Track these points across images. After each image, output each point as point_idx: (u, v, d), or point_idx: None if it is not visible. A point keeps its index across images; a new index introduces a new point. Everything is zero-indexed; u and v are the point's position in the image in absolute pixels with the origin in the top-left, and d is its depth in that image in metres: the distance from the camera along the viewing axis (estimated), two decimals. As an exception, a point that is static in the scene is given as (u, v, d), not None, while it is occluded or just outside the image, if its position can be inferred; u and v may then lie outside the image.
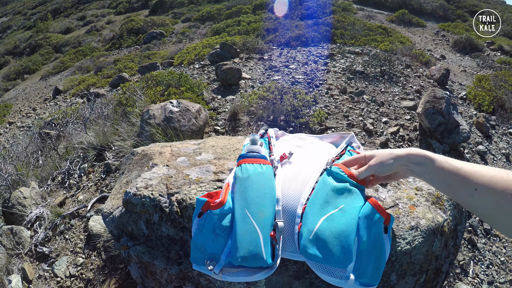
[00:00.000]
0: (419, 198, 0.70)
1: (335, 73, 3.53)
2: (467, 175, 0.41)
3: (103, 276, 1.37)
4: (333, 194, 0.53)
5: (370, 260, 0.49)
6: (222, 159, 0.79)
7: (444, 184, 0.44)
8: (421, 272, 0.63)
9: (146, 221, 0.72)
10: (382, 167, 0.50)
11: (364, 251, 0.49)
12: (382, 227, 0.51)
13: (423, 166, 0.46)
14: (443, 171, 0.44)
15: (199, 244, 0.53)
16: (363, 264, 0.49)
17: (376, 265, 0.49)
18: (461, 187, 0.41)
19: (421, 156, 0.47)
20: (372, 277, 0.49)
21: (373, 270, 0.49)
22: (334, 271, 0.50)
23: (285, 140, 0.76)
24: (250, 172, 0.56)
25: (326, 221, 0.50)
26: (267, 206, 0.53)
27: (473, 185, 0.39)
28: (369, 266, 0.49)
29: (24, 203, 1.87)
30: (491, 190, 0.37)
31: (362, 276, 0.48)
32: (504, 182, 0.37)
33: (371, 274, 0.48)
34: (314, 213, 0.52)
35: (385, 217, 0.51)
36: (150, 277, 0.72)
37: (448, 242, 0.73)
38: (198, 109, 2.08)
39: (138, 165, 0.93)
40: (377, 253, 0.49)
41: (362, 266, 0.49)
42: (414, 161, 0.48)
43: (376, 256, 0.49)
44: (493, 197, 0.37)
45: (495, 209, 0.37)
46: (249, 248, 0.49)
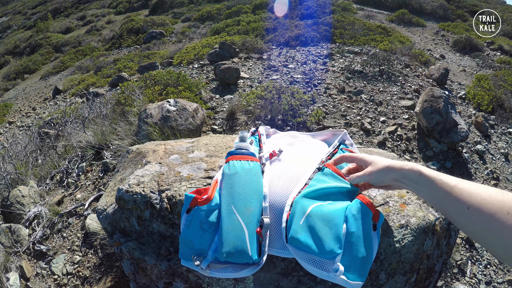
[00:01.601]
0: (410, 196, 0.70)
1: (334, 73, 3.53)
2: (460, 193, 0.40)
3: (100, 274, 1.38)
4: (324, 191, 0.53)
5: (358, 254, 0.48)
6: (214, 157, 0.79)
7: (436, 201, 0.44)
8: (411, 271, 0.63)
9: (137, 218, 0.73)
10: (376, 178, 0.51)
11: (352, 243, 0.49)
12: (371, 223, 0.50)
13: (416, 183, 0.46)
14: (436, 189, 0.43)
15: (187, 240, 0.53)
16: (351, 257, 0.48)
17: (363, 260, 0.49)
18: (454, 206, 0.40)
19: (415, 172, 0.47)
20: (360, 272, 0.48)
21: (360, 265, 0.48)
22: (322, 263, 0.49)
23: (276, 138, 0.76)
24: (238, 169, 0.56)
25: (316, 208, 0.50)
26: (253, 202, 0.53)
27: (465, 204, 0.39)
28: (357, 260, 0.48)
29: (22, 201, 1.88)
30: (483, 210, 0.37)
31: (350, 270, 0.48)
32: (498, 202, 0.36)
33: (359, 269, 0.48)
34: (304, 202, 0.52)
35: (373, 212, 0.51)
36: (141, 273, 0.72)
37: (440, 241, 0.73)
38: (195, 108, 2.09)
39: (132, 162, 0.93)
40: (365, 248, 0.49)
41: (350, 259, 0.48)
42: (408, 177, 0.47)
43: (365, 251, 0.49)
44: (485, 217, 0.36)
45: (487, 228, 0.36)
46: (234, 244, 0.49)
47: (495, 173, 2.43)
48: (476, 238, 0.39)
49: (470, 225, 0.39)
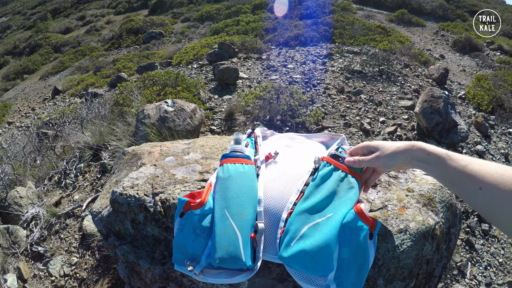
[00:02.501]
0: (409, 199, 0.69)
1: (333, 73, 3.51)
2: (472, 173, 0.39)
3: (97, 276, 1.37)
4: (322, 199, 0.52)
5: (352, 269, 0.48)
6: (210, 159, 0.78)
7: (447, 180, 0.43)
8: (410, 276, 0.62)
9: (131, 221, 0.71)
10: (384, 163, 0.49)
11: (345, 259, 0.48)
12: (367, 234, 0.50)
13: (426, 163, 0.45)
14: (448, 168, 0.42)
15: (180, 244, 0.52)
16: (345, 272, 0.48)
17: (358, 273, 0.48)
18: (466, 185, 0.40)
19: (424, 151, 0.45)
20: (354, 285, 0.48)
21: (355, 278, 0.48)
22: (314, 279, 0.48)
23: (274, 140, 0.74)
24: (231, 172, 0.55)
25: (310, 230, 0.49)
26: (247, 207, 0.52)
27: (478, 184, 0.38)
28: (351, 274, 0.48)
29: (20, 202, 1.87)
30: (496, 189, 0.36)
31: (343, 285, 0.47)
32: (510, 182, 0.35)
33: (353, 282, 0.48)
34: (299, 220, 0.51)
35: (369, 225, 0.50)
36: (136, 276, 0.71)
37: (440, 246, 0.72)
38: (193, 108, 2.07)
39: (128, 164, 0.92)
40: (360, 261, 0.48)
41: (343, 274, 0.48)
42: (416, 158, 0.46)
43: (359, 264, 0.48)
44: (498, 196, 0.36)
45: (499, 208, 0.36)
46: (227, 249, 0.48)
47: (495, 173, 2.41)
48: (489, 218, 0.39)
49: (483, 205, 0.38)
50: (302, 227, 0.49)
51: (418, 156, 0.46)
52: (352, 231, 0.49)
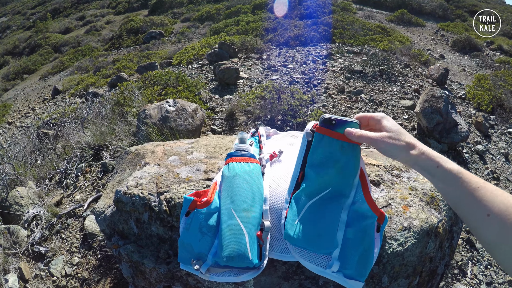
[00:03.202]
0: (412, 198, 0.69)
1: (334, 73, 3.52)
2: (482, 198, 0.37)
3: (98, 276, 1.37)
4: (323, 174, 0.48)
5: (356, 250, 0.47)
6: (214, 158, 0.78)
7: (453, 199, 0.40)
8: (414, 274, 0.62)
9: (136, 220, 0.72)
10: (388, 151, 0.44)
11: (350, 239, 0.47)
12: (374, 224, 0.49)
13: (432, 175, 0.41)
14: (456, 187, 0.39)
15: (186, 243, 0.52)
16: (349, 252, 0.47)
17: (362, 259, 0.47)
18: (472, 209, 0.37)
19: (433, 163, 0.41)
20: (358, 271, 0.47)
21: (358, 263, 0.47)
22: (317, 258, 0.48)
23: (277, 138, 0.75)
24: (237, 171, 0.55)
25: (314, 205, 0.48)
26: (253, 205, 0.52)
27: (486, 210, 0.36)
28: (355, 257, 0.47)
29: (21, 202, 1.87)
30: (505, 220, 0.34)
31: (346, 267, 0.46)
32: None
33: (356, 267, 0.47)
34: (302, 198, 0.49)
35: (378, 215, 0.49)
36: (140, 276, 0.71)
37: (443, 243, 0.72)
38: (194, 108, 2.08)
39: (131, 164, 0.92)
40: (365, 247, 0.48)
41: (347, 254, 0.47)
42: (423, 167, 0.42)
43: (364, 249, 0.47)
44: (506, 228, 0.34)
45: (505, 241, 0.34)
46: (234, 247, 0.48)
47: (495, 173, 2.42)
48: (491, 250, 0.37)
49: (488, 234, 0.36)
50: (306, 203, 0.48)
51: (425, 166, 0.42)
52: (360, 216, 0.48)
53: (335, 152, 0.48)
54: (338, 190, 0.49)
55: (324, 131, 0.49)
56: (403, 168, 0.82)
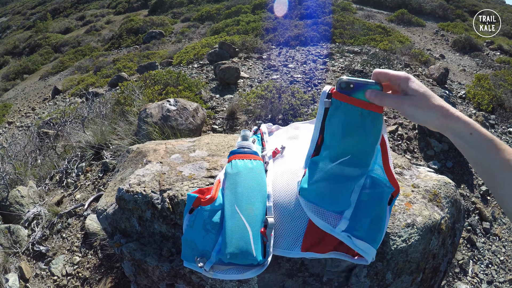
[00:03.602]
0: (415, 195, 0.69)
1: (334, 72, 3.52)
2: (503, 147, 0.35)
3: (100, 275, 1.36)
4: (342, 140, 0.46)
5: (368, 214, 0.46)
6: (216, 156, 0.78)
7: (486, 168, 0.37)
8: (418, 271, 0.62)
9: (138, 218, 0.71)
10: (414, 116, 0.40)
11: (363, 202, 0.46)
12: (389, 194, 0.48)
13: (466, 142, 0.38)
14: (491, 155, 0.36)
15: (190, 241, 0.52)
16: (360, 214, 0.46)
17: (374, 223, 0.46)
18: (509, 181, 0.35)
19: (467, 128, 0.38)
20: (368, 234, 0.46)
21: (370, 227, 0.46)
22: (329, 217, 0.47)
23: (279, 134, 0.74)
24: (240, 168, 0.55)
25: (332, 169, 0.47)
26: (256, 202, 0.52)
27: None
28: (366, 219, 0.46)
29: (21, 202, 1.87)
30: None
31: (357, 228, 0.46)
32: None
33: (367, 230, 0.46)
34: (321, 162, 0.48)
35: (395, 187, 0.48)
36: (142, 274, 0.71)
37: (446, 240, 0.72)
38: (195, 107, 2.08)
39: (133, 162, 0.92)
40: (377, 212, 0.47)
41: (358, 215, 0.46)
42: (455, 132, 0.39)
43: (376, 215, 0.46)
44: None
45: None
46: (238, 244, 0.48)
47: (496, 172, 2.42)
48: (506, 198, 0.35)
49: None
50: (324, 168, 0.47)
51: (457, 131, 0.38)
52: (377, 183, 0.48)
53: (354, 121, 0.44)
54: (357, 158, 0.47)
55: (342, 97, 0.44)
56: (405, 166, 0.82)
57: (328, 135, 0.48)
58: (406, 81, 0.41)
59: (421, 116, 0.40)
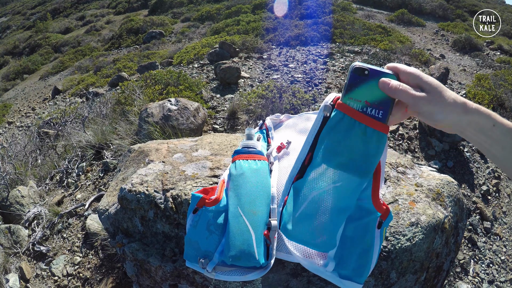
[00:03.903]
0: (419, 194, 0.69)
1: (335, 72, 3.52)
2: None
3: (100, 275, 1.36)
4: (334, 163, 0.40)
5: (355, 250, 0.45)
6: (219, 155, 0.78)
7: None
8: (421, 270, 0.62)
9: (141, 218, 0.71)
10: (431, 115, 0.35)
11: (349, 237, 0.45)
12: (376, 220, 0.46)
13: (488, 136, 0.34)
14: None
15: (193, 241, 0.52)
16: (346, 251, 0.45)
17: (361, 258, 0.45)
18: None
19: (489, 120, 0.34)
20: (355, 271, 0.45)
21: (356, 264, 0.45)
22: (314, 256, 0.47)
23: (290, 125, 0.71)
24: (244, 169, 0.54)
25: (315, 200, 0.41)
26: (260, 204, 0.52)
27: None
28: (353, 256, 0.45)
29: (22, 202, 1.86)
30: None
31: (343, 267, 0.45)
32: None
33: (353, 268, 0.45)
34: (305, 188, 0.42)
35: (381, 212, 0.46)
36: (145, 274, 0.71)
37: (449, 239, 0.72)
38: (196, 107, 2.07)
39: (135, 161, 0.92)
40: (364, 246, 0.45)
41: (344, 253, 0.45)
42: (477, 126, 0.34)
43: (363, 249, 0.45)
44: None
45: None
46: (241, 247, 0.47)
47: (496, 172, 2.43)
48: None
49: None
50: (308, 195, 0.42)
51: (480, 125, 0.34)
52: (362, 211, 0.45)
53: (354, 139, 0.39)
54: (347, 186, 0.41)
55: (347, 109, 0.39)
56: (408, 165, 0.82)
57: (319, 151, 0.41)
58: (418, 77, 0.37)
59: (439, 114, 0.35)
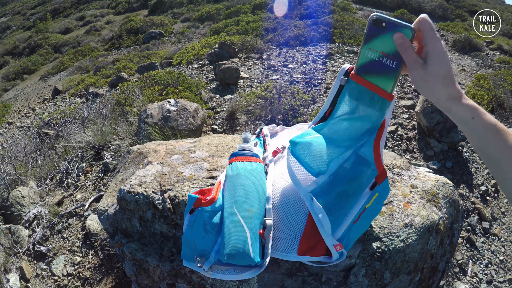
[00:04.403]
0: (414, 195, 0.70)
1: (334, 73, 3.53)
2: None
3: (100, 275, 1.37)
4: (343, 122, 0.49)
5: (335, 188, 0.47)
6: (216, 157, 0.79)
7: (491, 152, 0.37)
8: (416, 270, 0.63)
9: (139, 218, 0.72)
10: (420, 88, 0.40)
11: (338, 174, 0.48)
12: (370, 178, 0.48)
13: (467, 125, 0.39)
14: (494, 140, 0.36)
15: (190, 241, 0.53)
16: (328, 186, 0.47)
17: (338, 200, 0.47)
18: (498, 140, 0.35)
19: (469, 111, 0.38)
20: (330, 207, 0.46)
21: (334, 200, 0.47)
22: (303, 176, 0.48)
23: (283, 135, 0.74)
24: (240, 170, 0.55)
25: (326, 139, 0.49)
26: (255, 203, 0.52)
27: None
28: (332, 193, 0.47)
29: (22, 202, 1.87)
30: None
31: (321, 195, 0.46)
32: None
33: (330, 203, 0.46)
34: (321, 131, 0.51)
35: (379, 171, 0.48)
36: (143, 274, 0.72)
37: (444, 240, 0.73)
38: (195, 108, 2.08)
39: (134, 163, 0.92)
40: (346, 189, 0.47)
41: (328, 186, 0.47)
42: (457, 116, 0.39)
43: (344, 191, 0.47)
44: None
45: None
46: (236, 245, 0.48)
47: (495, 172, 2.43)
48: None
49: None
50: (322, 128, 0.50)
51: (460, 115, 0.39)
52: (359, 161, 0.48)
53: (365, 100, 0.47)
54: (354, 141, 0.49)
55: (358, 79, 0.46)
56: (404, 167, 0.83)
57: (339, 107, 0.50)
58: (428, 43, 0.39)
59: (423, 91, 0.40)
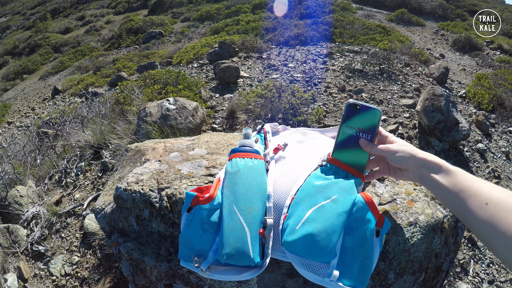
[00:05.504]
0: (417, 193, 0.69)
1: (334, 72, 3.51)
2: (480, 189, 0.40)
3: (98, 275, 1.36)
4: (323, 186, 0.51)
5: (356, 259, 0.46)
6: (215, 154, 0.77)
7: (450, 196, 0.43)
8: (420, 270, 0.62)
9: (136, 217, 0.70)
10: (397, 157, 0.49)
11: (348, 248, 0.47)
12: (374, 229, 0.48)
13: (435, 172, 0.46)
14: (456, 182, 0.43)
15: (187, 240, 0.51)
16: (348, 261, 0.46)
17: (362, 266, 0.46)
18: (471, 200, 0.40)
19: (438, 164, 0.46)
20: (358, 279, 0.45)
21: (359, 271, 0.46)
22: (317, 268, 0.47)
23: (285, 135, 0.73)
24: (240, 167, 0.53)
25: (316, 212, 0.47)
26: (256, 202, 0.51)
27: (484, 199, 0.38)
28: (355, 265, 0.46)
29: (20, 201, 1.86)
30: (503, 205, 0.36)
31: (346, 276, 0.45)
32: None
33: (357, 276, 0.45)
34: (303, 203, 0.49)
35: (377, 218, 0.48)
36: (140, 274, 0.70)
37: (448, 239, 0.71)
38: (195, 107, 2.07)
39: (131, 161, 0.91)
40: (364, 254, 0.47)
41: (346, 263, 0.46)
42: (427, 166, 0.47)
43: (363, 257, 0.46)
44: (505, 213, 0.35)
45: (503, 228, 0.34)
46: (235, 245, 0.46)
47: (496, 171, 2.42)
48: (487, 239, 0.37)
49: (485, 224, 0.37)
50: (306, 211, 0.48)
51: (430, 166, 0.47)
52: (358, 221, 0.48)
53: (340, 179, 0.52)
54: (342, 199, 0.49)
55: (335, 162, 0.54)
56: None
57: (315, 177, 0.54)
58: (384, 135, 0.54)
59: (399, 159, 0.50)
